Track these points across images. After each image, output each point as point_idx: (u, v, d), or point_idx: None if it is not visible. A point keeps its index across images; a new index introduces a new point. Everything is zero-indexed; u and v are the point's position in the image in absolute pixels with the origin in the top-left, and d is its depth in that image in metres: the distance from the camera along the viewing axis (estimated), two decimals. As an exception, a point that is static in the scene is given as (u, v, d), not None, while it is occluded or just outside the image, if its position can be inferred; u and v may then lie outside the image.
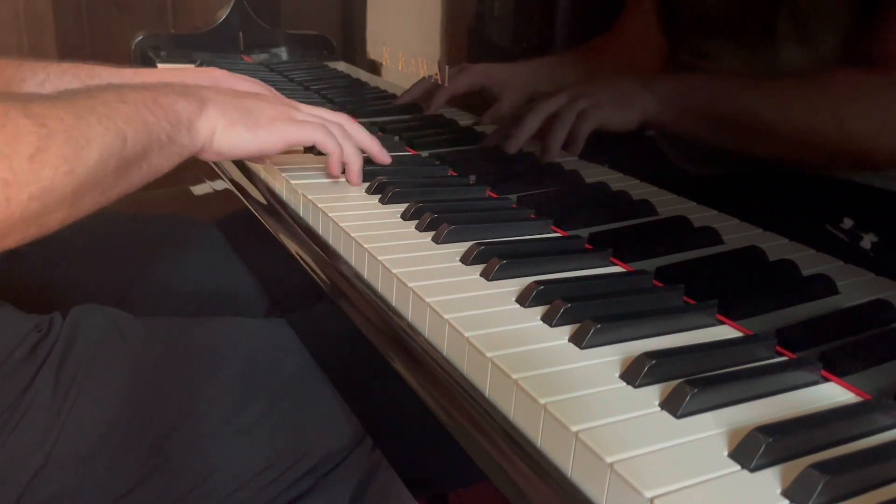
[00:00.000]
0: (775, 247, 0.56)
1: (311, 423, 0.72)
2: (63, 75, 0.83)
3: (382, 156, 0.77)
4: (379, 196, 0.71)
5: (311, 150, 0.84)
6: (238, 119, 0.65)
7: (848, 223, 0.50)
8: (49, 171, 0.47)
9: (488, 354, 0.44)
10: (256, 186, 0.81)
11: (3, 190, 0.45)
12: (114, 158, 0.52)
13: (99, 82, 0.83)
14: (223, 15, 1.42)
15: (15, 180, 0.45)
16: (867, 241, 0.49)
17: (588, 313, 0.47)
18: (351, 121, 0.76)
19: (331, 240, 0.65)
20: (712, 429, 0.38)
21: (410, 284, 0.53)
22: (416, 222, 0.64)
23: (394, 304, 0.55)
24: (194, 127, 0.62)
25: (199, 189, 1.21)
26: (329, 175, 0.74)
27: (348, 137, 0.73)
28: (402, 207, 0.67)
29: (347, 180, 0.74)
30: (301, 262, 0.68)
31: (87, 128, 0.50)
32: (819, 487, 0.33)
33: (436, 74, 0.88)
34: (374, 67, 1.08)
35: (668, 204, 0.64)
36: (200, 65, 1.31)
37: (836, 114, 0.50)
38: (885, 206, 0.48)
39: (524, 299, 0.51)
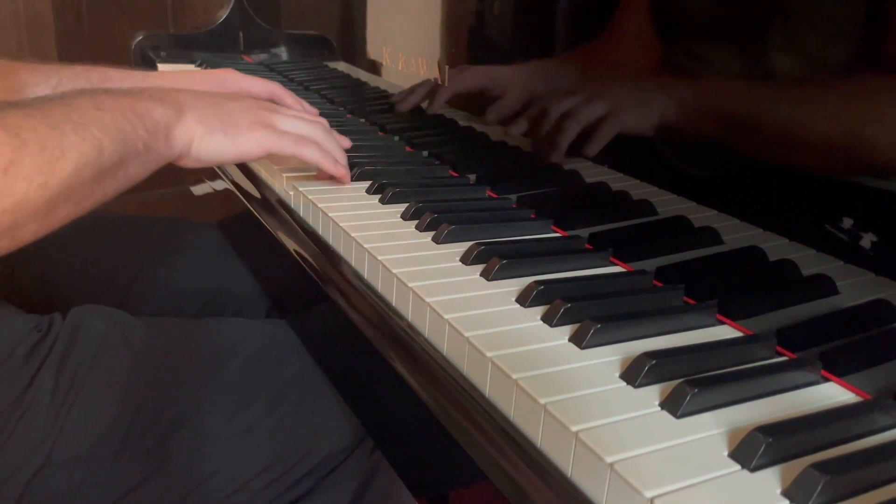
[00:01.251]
0: (775, 247, 0.56)
1: (311, 424, 0.72)
2: (76, 79, 0.83)
3: (343, 175, 0.73)
4: (379, 196, 0.71)
5: None
6: (217, 126, 0.64)
7: (848, 223, 0.50)
8: (23, 184, 0.46)
9: (488, 354, 0.44)
10: (257, 186, 0.81)
11: None
12: (89, 168, 0.50)
13: (111, 86, 0.83)
14: (223, 15, 1.42)
15: None
16: (867, 240, 0.49)
17: (588, 313, 0.47)
18: (325, 131, 0.74)
19: (331, 239, 0.65)
20: (712, 429, 0.38)
21: (410, 284, 0.53)
22: (416, 222, 0.64)
23: (394, 304, 0.55)
24: (172, 134, 0.61)
25: (200, 189, 1.21)
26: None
27: (325, 150, 0.71)
28: (402, 207, 0.67)
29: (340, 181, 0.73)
30: (301, 262, 0.68)
31: (62, 138, 0.49)
32: (819, 487, 0.33)
33: (436, 77, 0.88)
34: (374, 67, 1.08)
35: (668, 204, 0.64)
36: (200, 65, 1.31)
37: (855, 118, 0.49)
38: (884, 205, 0.48)
39: (524, 299, 0.51)
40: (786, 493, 0.34)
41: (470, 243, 0.58)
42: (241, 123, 0.66)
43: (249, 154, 0.67)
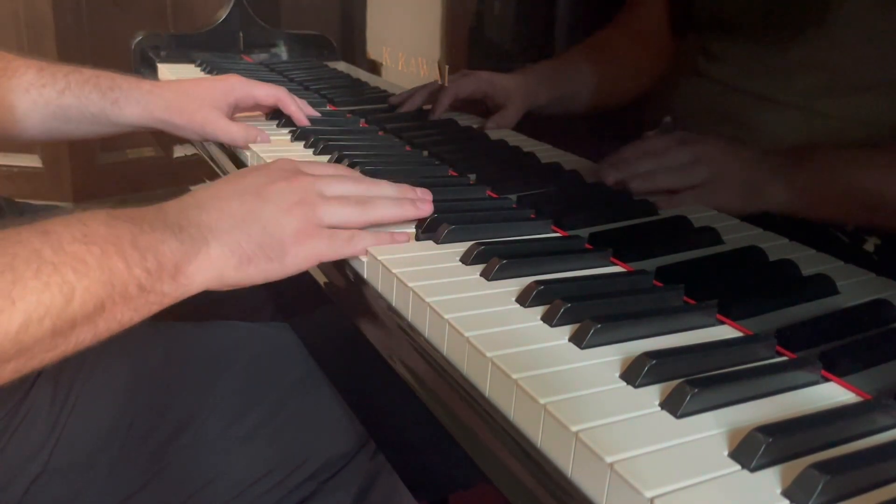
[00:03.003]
0: (775, 247, 0.56)
1: (313, 427, 0.72)
2: (84, 85, 0.83)
3: (420, 213, 0.63)
4: (379, 196, 0.70)
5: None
6: (256, 252, 0.54)
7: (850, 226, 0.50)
8: None
9: (488, 354, 0.44)
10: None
11: None
12: (49, 319, 0.43)
13: (119, 94, 0.84)
14: (223, 15, 1.42)
15: None
16: (870, 242, 0.49)
17: (588, 313, 0.47)
18: (373, 193, 0.63)
19: (331, 240, 0.65)
20: (712, 429, 0.38)
21: (411, 284, 0.53)
22: (415, 222, 0.64)
23: (394, 304, 0.55)
24: (183, 272, 0.52)
25: (200, 189, 1.21)
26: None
27: (383, 208, 0.61)
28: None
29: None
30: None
31: (14, 284, 0.42)
32: (819, 487, 0.33)
33: (437, 80, 0.88)
34: (374, 67, 1.08)
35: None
36: (200, 64, 1.31)
37: None
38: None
39: (524, 299, 0.51)
40: (786, 493, 0.34)
41: (470, 243, 0.58)
42: (284, 239, 0.56)
43: (299, 270, 0.58)
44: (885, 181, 0.49)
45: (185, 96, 0.86)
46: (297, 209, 0.57)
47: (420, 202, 0.63)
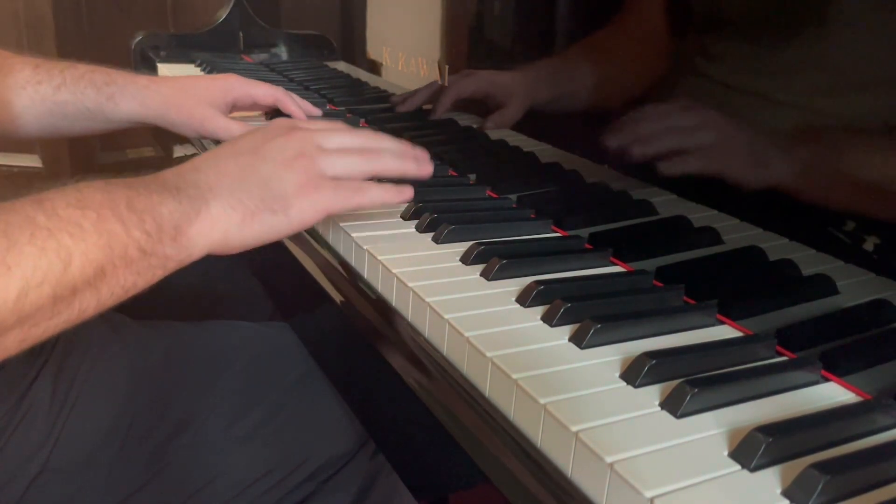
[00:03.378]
0: (775, 247, 0.56)
1: (313, 427, 0.72)
2: (79, 80, 0.82)
3: (421, 172, 0.63)
4: (379, 196, 0.70)
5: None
6: (259, 206, 0.53)
7: (850, 225, 0.50)
8: None
9: (488, 354, 0.44)
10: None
11: None
12: (48, 285, 0.42)
13: (114, 90, 0.83)
14: (223, 15, 1.42)
15: None
16: (869, 242, 0.49)
17: (588, 313, 0.47)
18: (374, 146, 0.62)
19: (330, 239, 0.65)
20: (712, 429, 0.38)
21: (410, 284, 0.53)
22: (415, 222, 0.64)
23: (394, 304, 0.55)
24: (184, 234, 0.50)
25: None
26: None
27: (386, 160, 0.61)
28: (401, 207, 0.67)
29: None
30: (301, 263, 0.68)
31: (9, 251, 0.41)
32: (819, 487, 0.33)
33: (437, 80, 0.88)
34: (374, 67, 1.08)
35: (668, 204, 0.64)
36: (200, 64, 1.31)
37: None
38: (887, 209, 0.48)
39: (524, 299, 0.51)
40: (786, 493, 0.34)
41: (470, 243, 0.58)
42: (286, 191, 0.55)
43: (306, 224, 0.56)
44: (884, 163, 0.49)
45: (183, 93, 0.86)
46: (297, 162, 0.56)
47: (421, 160, 0.63)
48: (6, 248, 0.41)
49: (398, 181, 0.62)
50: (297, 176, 0.56)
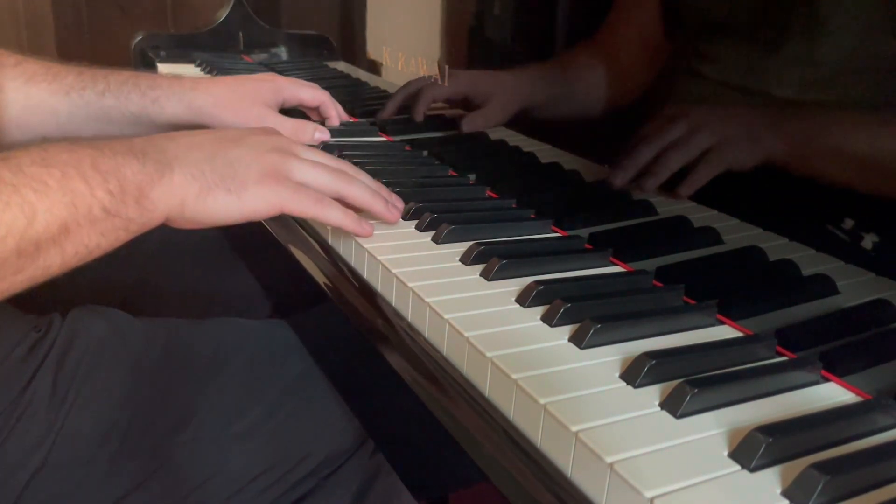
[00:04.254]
0: (775, 247, 0.56)
1: (312, 425, 0.72)
2: (123, 85, 0.82)
3: (388, 214, 0.63)
4: (379, 196, 0.70)
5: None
6: (217, 182, 0.54)
7: (849, 223, 0.50)
8: None
9: (488, 354, 0.44)
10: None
11: None
12: (11, 238, 0.44)
13: (159, 93, 0.82)
14: (223, 14, 1.42)
15: None
16: (868, 241, 0.49)
17: (588, 313, 0.47)
18: (349, 176, 0.62)
19: (330, 239, 0.65)
20: (712, 429, 0.38)
21: (410, 284, 0.53)
22: (415, 222, 0.64)
23: (393, 304, 0.55)
24: (147, 197, 0.51)
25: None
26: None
27: (356, 188, 0.61)
28: (401, 207, 0.67)
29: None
30: (301, 262, 0.68)
31: None
32: (819, 487, 0.33)
33: (435, 75, 0.88)
34: (374, 67, 1.08)
35: (668, 204, 0.64)
36: (200, 64, 1.31)
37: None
38: (886, 205, 0.48)
39: (524, 299, 0.51)
40: (786, 493, 0.34)
41: (470, 243, 0.58)
42: (247, 176, 0.56)
43: (257, 214, 0.57)
44: (877, 139, 0.49)
45: (234, 93, 0.85)
46: (268, 155, 0.57)
47: (392, 206, 0.63)
48: None
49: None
50: (264, 166, 0.57)
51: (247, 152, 0.57)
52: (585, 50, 0.71)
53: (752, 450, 0.36)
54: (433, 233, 0.62)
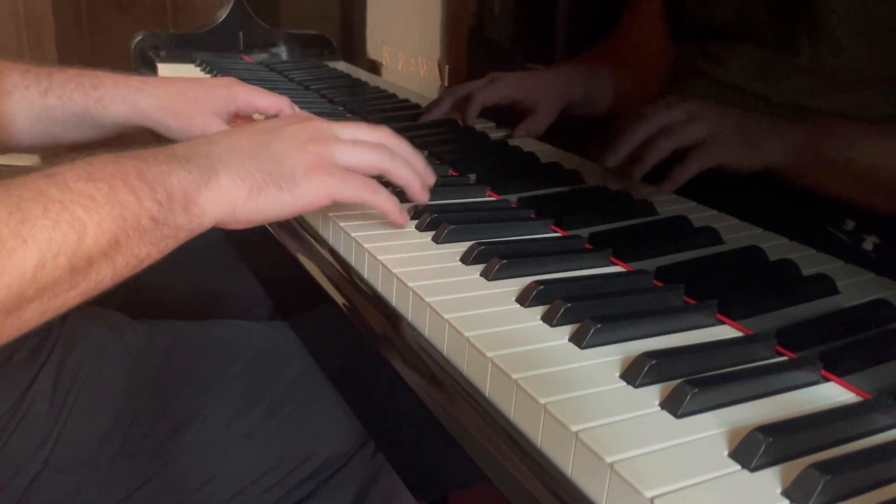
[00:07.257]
0: (775, 247, 0.56)
1: (313, 427, 0.72)
2: (66, 84, 0.79)
3: (421, 195, 0.63)
4: (379, 196, 0.70)
5: None
6: (266, 180, 0.54)
7: (850, 224, 0.50)
8: None
9: (488, 354, 0.44)
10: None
11: None
12: (64, 256, 0.43)
13: (103, 92, 0.79)
14: (223, 14, 1.42)
15: None
16: (869, 242, 0.49)
17: (588, 313, 0.47)
18: (391, 149, 0.62)
19: (330, 239, 0.65)
20: (712, 429, 0.38)
21: (410, 284, 0.53)
22: (416, 222, 0.64)
23: (393, 304, 0.55)
24: (194, 203, 0.51)
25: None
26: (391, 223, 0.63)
27: (399, 165, 0.61)
28: (401, 207, 0.67)
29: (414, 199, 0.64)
30: (301, 262, 0.68)
31: (23, 224, 0.42)
32: (819, 487, 0.33)
33: (439, 80, 0.88)
34: (374, 67, 1.08)
35: (668, 204, 0.64)
36: (200, 64, 1.31)
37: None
38: (886, 208, 0.48)
39: (524, 299, 0.51)
40: (786, 493, 0.34)
41: (470, 243, 0.58)
42: (295, 170, 0.55)
43: (311, 207, 0.56)
44: (878, 150, 0.49)
45: (182, 98, 0.82)
46: (310, 145, 0.57)
47: (426, 185, 0.63)
48: (20, 222, 0.42)
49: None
50: (309, 157, 0.56)
51: (288, 146, 0.57)
52: (610, 50, 0.71)
53: (753, 450, 0.36)
54: (433, 233, 0.62)
